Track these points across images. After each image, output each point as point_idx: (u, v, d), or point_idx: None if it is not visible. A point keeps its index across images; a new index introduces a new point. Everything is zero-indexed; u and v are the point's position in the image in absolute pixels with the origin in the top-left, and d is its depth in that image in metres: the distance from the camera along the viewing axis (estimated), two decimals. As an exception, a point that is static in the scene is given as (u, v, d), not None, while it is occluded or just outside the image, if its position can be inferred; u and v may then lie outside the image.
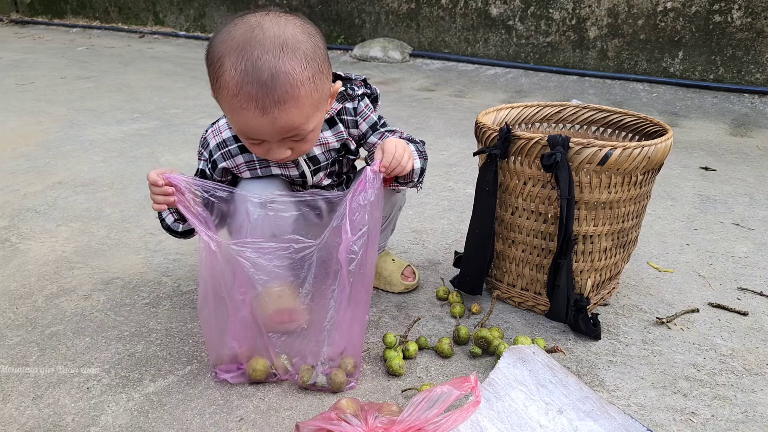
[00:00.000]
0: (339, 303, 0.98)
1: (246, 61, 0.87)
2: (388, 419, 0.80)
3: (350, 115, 1.12)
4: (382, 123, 1.15)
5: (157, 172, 0.96)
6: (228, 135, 1.09)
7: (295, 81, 0.89)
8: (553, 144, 1.08)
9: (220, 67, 0.89)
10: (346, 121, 1.12)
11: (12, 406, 0.99)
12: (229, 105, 0.91)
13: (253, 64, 0.87)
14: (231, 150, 1.09)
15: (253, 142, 0.97)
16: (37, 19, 5.69)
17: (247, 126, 0.93)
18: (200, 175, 1.13)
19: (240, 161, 1.09)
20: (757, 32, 2.90)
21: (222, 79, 0.89)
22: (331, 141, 1.12)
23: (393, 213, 1.31)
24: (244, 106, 0.89)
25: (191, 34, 4.90)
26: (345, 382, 1.01)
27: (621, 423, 0.92)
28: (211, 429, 0.94)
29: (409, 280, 1.35)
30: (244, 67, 0.87)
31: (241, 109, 0.90)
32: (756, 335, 1.20)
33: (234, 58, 0.88)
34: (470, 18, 3.70)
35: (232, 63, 0.88)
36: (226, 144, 1.09)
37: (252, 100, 0.88)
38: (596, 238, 1.17)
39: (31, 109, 2.86)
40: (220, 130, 1.10)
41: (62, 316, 1.24)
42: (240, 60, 0.87)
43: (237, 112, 0.91)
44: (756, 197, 1.89)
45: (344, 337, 1.01)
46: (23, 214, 1.73)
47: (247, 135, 0.96)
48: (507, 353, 1.01)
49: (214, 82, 0.92)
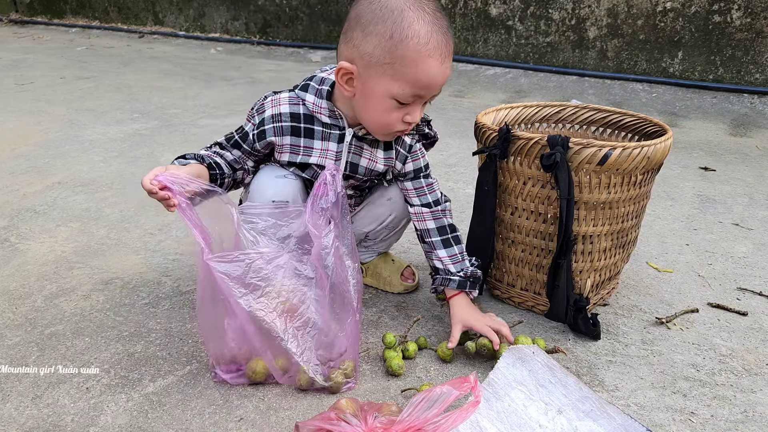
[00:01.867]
0: (323, 306, 0.99)
1: (426, 14, 0.94)
2: (387, 419, 0.80)
3: (404, 149, 1.14)
4: (426, 173, 1.18)
5: (149, 179, 0.94)
6: (286, 110, 1.08)
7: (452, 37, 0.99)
8: (553, 144, 1.08)
9: (402, 18, 0.93)
10: (398, 151, 1.14)
11: (11, 406, 0.99)
12: (415, 54, 0.94)
13: (433, 16, 0.94)
14: (284, 127, 1.08)
15: (405, 102, 0.99)
16: (36, 19, 5.69)
17: (427, 76, 0.96)
18: (241, 136, 1.11)
19: (286, 141, 1.09)
20: (757, 32, 2.90)
21: (410, 28, 0.93)
22: (379, 162, 1.14)
23: (399, 226, 1.30)
24: (431, 53, 0.94)
25: (191, 34, 4.90)
26: (343, 383, 1.01)
27: (620, 423, 0.92)
28: (210, 429, 0.94)
29: (408, 281, 1.35)
30: (428, 18, 0.94)
31: (428, 56, 0.94)
32: (755, 335, 1.20)
33: (416, 11, 0.93)
34: (470, 18, 3.70)
35: (416, 14, 0.93)
36: (281, 118, 1.08)
37: (438, 47, 0.94)
38: (596, 238, 1.17)
39: (30, 109, 2.86)
40: (280, 102, 1.09)
41: (62, 316, 1.24)
42: (422, 12, 0.94)
43: (423, 60, 0.94)
44: (755, 197, 1.89)
45: (343, 340, 1.01)
46: (23, 214, 1.73)
47: (419, 89, 0.97)
48: (506, 353, 1.01)
49: (392, 35, 0.93)
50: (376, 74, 0.97)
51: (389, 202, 1.23)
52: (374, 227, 1.27)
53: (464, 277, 1.15)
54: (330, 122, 1.08)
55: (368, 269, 1.37)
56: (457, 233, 1.19)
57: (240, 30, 4.70)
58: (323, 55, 4.21)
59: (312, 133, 1.09)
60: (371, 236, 1.30)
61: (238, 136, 1.12)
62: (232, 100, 3.08)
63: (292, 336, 0.99)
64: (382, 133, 1.06)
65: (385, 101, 0.99)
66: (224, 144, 1.13)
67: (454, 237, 1.19)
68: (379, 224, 1.26)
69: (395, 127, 1.03)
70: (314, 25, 4.34)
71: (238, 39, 4.66)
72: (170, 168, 0.99)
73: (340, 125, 1.09)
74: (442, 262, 1.17)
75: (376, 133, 1.07)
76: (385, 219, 1.25)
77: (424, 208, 1.18)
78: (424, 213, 1.19)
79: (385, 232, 1.29)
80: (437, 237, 1.18)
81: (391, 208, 1.24)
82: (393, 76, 0.96)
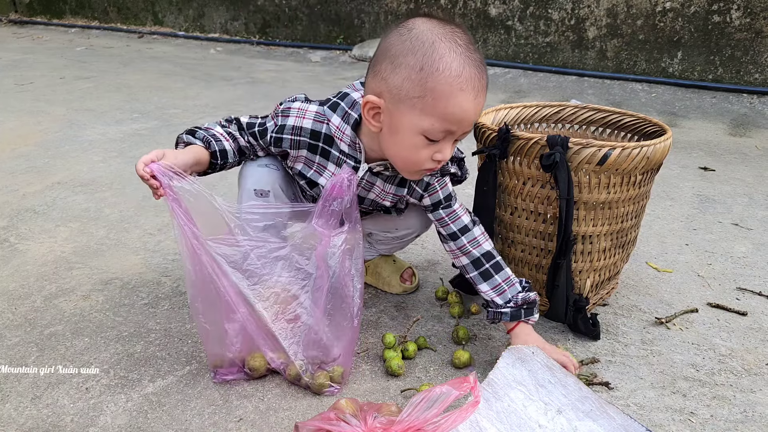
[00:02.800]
0: (317, 304, 0.99)
1: (459, 46, 0.90)
2: (387, 419, 0.80)
3: (420, 186, 1.09)
4: (445, 204, 1.11)
5: (144, 163, 0.93)
6: (308, 126, 1.04)
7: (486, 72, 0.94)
8: (552, 144, 1.08)
9: (434, 51, 0.89)
10: (413, 188, 1.10)
11: (11, 407, 0.99)
12: (447, 88, 0.89)
13: (466, 48, 0.91)
14: (301, 141, 1.05)
15: (435, 139, 0.94)
16: (35, 19, 5.69)
17: (459, 111, 0.91)
18: (261, 131, 1.07)
19: (302, 153, 1.06)
20: (756, 32, 2.90)
21: (441, 61, 0.89)
22: (387, 198, 1.11)
23: (408, 239, 1.30)
24: (463, 87, 0.90)
25: (190, 35, 4.90)
26: (326, 386, 1.01)
27: (620, 423, 0.92)
28: (210, 429, 0.94)
29: (407, 283, 1.34)
30: (461, 51, 0.90)
31: (460, 90, 0.90)
32: (755, 335, 1.20)
33: (448, 43, 0.90)
34: (469, 18, 3.70)
35: (448, 47, 0.90)
36: (301, 132, 1.04)
37: (471, 81, 0.90)
38: (595, 238, 1.17)
39: (30, 110, 2.86)
40: (305, 116, 1.05)
41: (61, 316, 1.24)
42: (455, 44, 0.90)
43: (454, 93, 0.90)
44: (755, 197, 1.90)
45: (338, 345, 1.01)
46: (22, 215, 1.73)
47: (450, 124, 0.92)
48: (506, 353, 1.01)
49: (423, 68, 0.89)
50: (405, 108, 0.92)
51: (404, 220, 1.23)
52: (379, 233, 1.28)
53: (515, 307, 1.09)
54: (348, 152, 1.04)
55: (368, 268, 1.37)
56: (495, 259, 1.11)
57: (240, 30, 4.70)
58: (323, 55, 4.21)
59: (328, 155, 1.05)
60: (374, 237, 1.30)
61: (259, 129, 1.08)
62: (232, 100, 3.08)
63: (282, 327, 1.00)
64: (409, 171, 1.01)
65: (414, 137, 0.94)
66: (244, 127, 1.09)
67: (493, 265, 1.11)
68: (386, 232, 1.27)
69: (424, 165, 0.97)
70: (314, 25, 4.34)
71: (237, 39, 4.66)
72: (168, 154, 0.97)
73: (357, 158, 1.04)
74: (487, 295, 1.11)
75: (402, 171, 1.02)
76: (390, 231, 1.26)
77: (452, 243, 1.12)
78: (454, 250, 1.13)
79: (389, 239, 1.29)
80: (474, 272, 1.12)
81: (400, 224, 1.23)
82: (423, 110, 0.91)
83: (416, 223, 1.25)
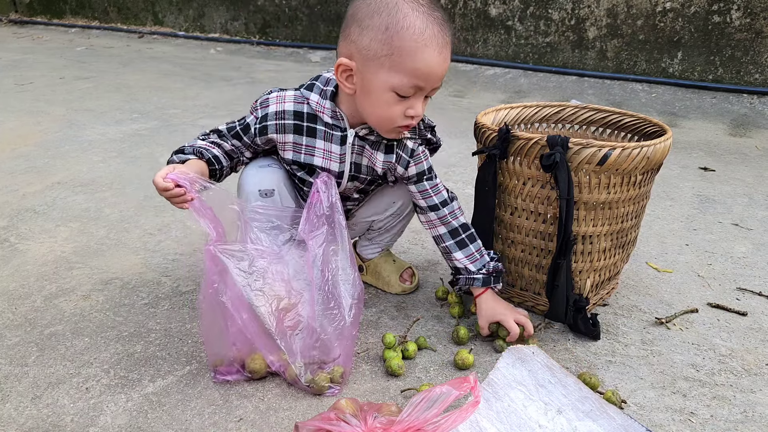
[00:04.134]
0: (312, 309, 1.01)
1: (421, 5, 0.96)
2: (387, 419, 0.80)
3: (406, 153, 1.14)
4: (429, 175, 1.17)
5: (162, 176, 0.97)
6: (290, 108, 1.09)
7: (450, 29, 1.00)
8: (552, 144, 1.08)
9: (398, 11, 0.95)
10: (399, 155, 1.14)
11: (11, 407, 0.99)
12: (412, 45, 0.95)
13: (428, 8, 0.96)
14: (286, 125, 1.09)
15: (405, 95, 0.99)
16: (35, 19, 5.69)
17: (425, 66, 0.96)
18: (242, 128, 1.12)
19: (288, 140, 1.10)
20: (756, 33, 2.90)
21: (405, 20, 0.94)
22: (378, 164, 1.13)
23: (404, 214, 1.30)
24: (427, 43, 0.95)
25: (190, 35, 4.90)
26: (326, 388, 1.01)
27: (620, 423, 0.92)
28: (210, 429, 0.94)
29: (407, 282, 1.34)
30: (423, 10, 0.96)
31: (425, 46, 0.95)
32: (755, 335, 1.20)
33: (411, 3, 0.95)
34: (469, 18, 3.70)
35: (411, 6, 0.95)
36: (284, 116, 1.09)
37: (434, 37, 0.96)
38: (595, 238, 1.17)
39: (30, 110, 2.86)
40: (285, 100, 1.10)
41: (61, 316, 1.24)
42: (417, 4, 0.96)
43: (419, 51, 0.95)
44: (755, 197, 1.90)
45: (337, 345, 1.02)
46: (22, 215, 1.73)
47: (418, 80, 0.97)
48: (506, 353, 1.01)
49: (388, 27, 0.95)
50: (375, 67, 0.97)
51: (394, 190, 1.24)
52: (379, 215, 1.28)
53: (487, 274, 1.17)
54: (332, 123, 1.08)
55: (368, 267, 1.37)
56: (470, 231, 1.19)
57: (240, 30, 4.70)
58: (323, 55, 4.21)
59: (314, 132, 1.09)
60: (376, 225, 1.31)
61: (240, 128, 1.12)
62: (232, 101, 3.08)
63: (282, 333, 1.01)
64: (386, 129, 1.06)
65: (385, 94, 0.99)
66: (224, 133, 1.13)
67: (469, 236, 1.19)
68: (384, 212, 1.27)
69: (398, 121, 1.03)
70: (314, 26, 4.34)
71: (237, 39, 4.66)
72: (178, 167, 1.02)
73: (341, 126, 1.09)
74: (461, 262, 1.18)
75: (380, 130, 1.07)
76: (389, 206, 1.26)
77: (432, 214, 1.18)
78: (433, 220, 1.19)
79: (389, 220, 1.29)
80: (451, 240, 1.18)
81: (397, 196, 1.24)
82: (391, 67, 0.97)
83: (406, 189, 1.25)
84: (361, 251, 1.38)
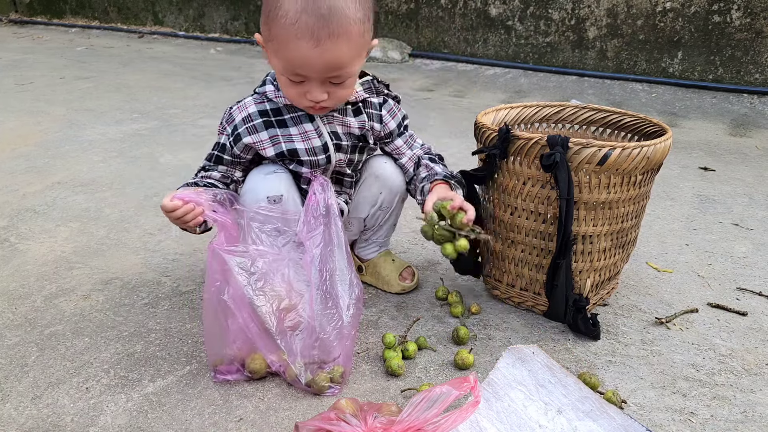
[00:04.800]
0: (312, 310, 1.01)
1: None
2: (387, 419, 0.80)
3: (375, 109, 1.17)
4: (405, 124, 1.23)
5: (168, 199, 0.99)
6: (254, 110, 1.11)
7: (349, 18, 0.94)
8: (553, 144, 1.08)
9: None
10: (371, 114, 1.16)
11: (11, 407, 0.99)
12: (284, 34, 0.94)
13: None
14: (256, 125, 1.11)
15: (295, 80, 0.99)
16: (36, 19, 5.69)
17: (298, 57, 0.95)
18: (219, 149, 1.14)
19: (264, 137, 1.11)
20: (756, 32, 2.90)
21: (281, 8, 0.93)
22: (354, 126, 1.15)
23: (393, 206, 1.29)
24: (299, 35, 0.93)
25: (190, 35, 4.90)
26: (326, 387, 1.01)
27: (620, 423, 0.92)
28: (210, 429, 0.94)
29: (407, 281, 1.34)
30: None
31: (297, 38, 0.93)
32: (755, 335, 1.20)
33: None
34: (469, 18, 3.70)
35: None
36: (251, 119, 1.11)
37: (308, 29, 0.92)
38: (595, 238, 1.17)
39: (30, 109, 2.86)
40: (246, 106, 1.12)
41: (61, 316, 1.24)
42: None
43: (291, 41, 0.94)
44: (755, 197, 1.90)
45: (337, 345, 1.02)
46: (22, 214, 1.73)
47: (295, 68, 0.97)
48: (506, 353, 1.01)
49: (269, 12, 0.95)
50: (269, 51, 1.00)
51: (377, 181, 1.24)
52: (369, 211, 1.28)
53: (450, 175, 1.19)
54: (294, 106, 1.10)
55: (368, 267, 1.37)
56: (443, 162, 1.24)
57: (240, 30, 4.70)
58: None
59: (284, 122, 1.12)
60: (369, 223, 1.31)
61: (217, 151, 1.14)
62: (232, 101, 3.07)
63: (282, 333, 1.01)
64: (300, 107, 1.08)
65: (281, 77, 1.01)
66: (208, 166, 1.16)
67: (443, 163, 1.24)
68: (372, 206, 1.27)
69: (303, 102, 1.04)
70: (314, 25, 4.34)
71: (237, 39, 4.65)
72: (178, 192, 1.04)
73: None
74: (433, 169, 1.20)
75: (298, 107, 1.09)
76: (377, 199, 1.26)
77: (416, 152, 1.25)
78: (416, 153, 1.25)
79: (380, 214, 1.29)
80: (427, 160, 1.23)
81: (380, 186, 1.25)
82: (275, 53, 0.98)
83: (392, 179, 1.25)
84: (360, 252, 1.38)
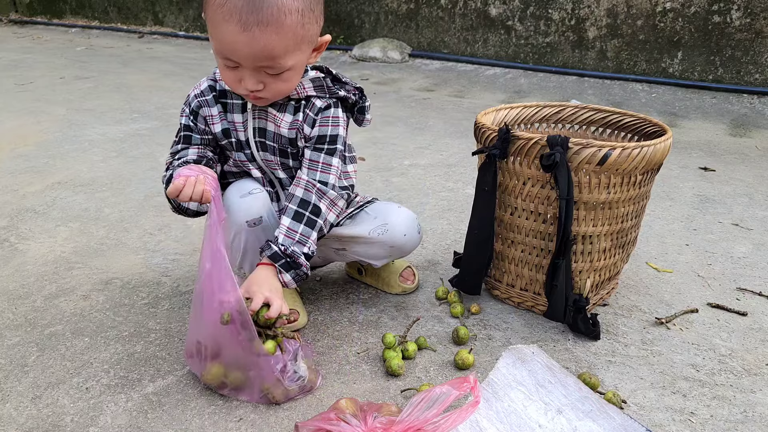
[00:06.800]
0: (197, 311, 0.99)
1: None
2: (387, 419, 0.80)
3: (313, 112, 1.09)
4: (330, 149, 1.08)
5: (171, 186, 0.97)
6: (205, 86, 1.12)
7: (283, 7, 0.91)
8: (553, 144, 1.08)
9: None
10: (306, 114, 1.09)
11: (11, 407, 0.99)
12: (213, 15, 0.92)
13: None
14: (208, 99, 1.11)
15: (229, 65, 0.98)
16: (36, 18, 5.69)
17: (226, 41, 0.93)
18: (185, 129, 1.13)
19: (214, 112, 1.11)
20: (756, 33, 2.90)
21: None
22: (283, 126, 1.09)
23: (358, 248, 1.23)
24: (227, 18, 0.90)
25: (190, 35, 4.90)
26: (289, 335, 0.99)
27: (620, 423, 0.92)
28: (210, 429, 0.94)
29: (407, 282, 1.34)
30: None
31: (224, 21, 0.91)
32: (755, 335, 1.20)
33: None
34: (469, 18, 3.70)
35: None
36: (203, 93, 1.12)
37: (236, 13, 0.89)
38: (595, 238, 1.17)
39: (30, 109, 2.86)
40: (200, 84, 1.13)
41: (61, 316, 1.24)
42: None
43: (219, 23, 0.92)
44: (755, 197, 1.90)
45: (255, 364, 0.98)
46: (22, 215, 1.73)
47: (224, 52, 0.95)
48: (506, 353, 1.01)
49: None
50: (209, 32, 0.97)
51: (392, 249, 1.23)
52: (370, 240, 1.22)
53: (283, 254, 1.02)
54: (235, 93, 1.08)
55: (368, 269, 1.37)
56: (317, 220, 1.06)
57: (240, 30, 4.70)
58: (323, 55, 4.19)
59: (226, 106, 1.12)
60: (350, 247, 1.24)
61: (183, 133, 1.14)
62: (232, 100, 3.08)
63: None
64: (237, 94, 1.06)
65: (218, 59, 0.99)
66: (177, 150, 1.13)
67: (310, 220, 1.05)
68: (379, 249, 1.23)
69: (237, 89, 1.02)
70: (314, 25, 4.33)
71: (237, 39, 4.65)
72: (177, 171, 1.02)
73: None
74: (280, 230, 1.04)
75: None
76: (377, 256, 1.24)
77: (305, 178, 1.07)
78: (301, 179, 1.07)
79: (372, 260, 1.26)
80: (294, 206, 1.06)
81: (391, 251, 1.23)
82: (210, 35, 0.96)
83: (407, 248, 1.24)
84: None
